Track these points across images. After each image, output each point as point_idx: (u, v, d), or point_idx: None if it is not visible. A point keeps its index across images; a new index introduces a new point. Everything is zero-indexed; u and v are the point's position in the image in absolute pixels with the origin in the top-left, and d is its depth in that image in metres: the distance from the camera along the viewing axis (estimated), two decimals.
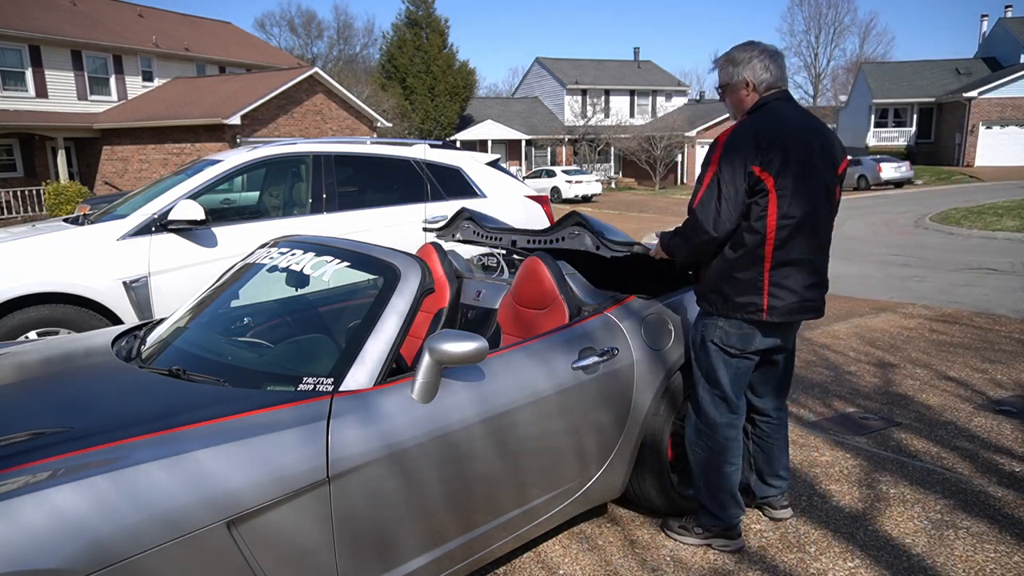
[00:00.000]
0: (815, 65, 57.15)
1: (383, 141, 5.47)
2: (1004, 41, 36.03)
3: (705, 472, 2.65)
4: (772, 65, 2.47)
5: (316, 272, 2.45)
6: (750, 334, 2.50)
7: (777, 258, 2.40)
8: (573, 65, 43.25)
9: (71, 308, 4.04)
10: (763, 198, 2.35)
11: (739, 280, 2.43)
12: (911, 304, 7.07)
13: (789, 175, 2.35)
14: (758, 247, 2.39)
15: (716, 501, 2.64)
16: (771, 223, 2.37)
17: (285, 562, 1.80)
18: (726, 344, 2.53)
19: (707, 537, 2.71)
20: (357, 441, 1.92)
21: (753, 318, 2.45)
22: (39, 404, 2.02)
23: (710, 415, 2.61)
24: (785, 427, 2.87)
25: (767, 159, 2.32)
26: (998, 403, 4.19)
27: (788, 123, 2.40)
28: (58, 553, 1.46)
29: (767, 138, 2.34)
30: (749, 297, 2.43)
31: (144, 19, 27.35)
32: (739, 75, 2.49)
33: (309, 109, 23.74)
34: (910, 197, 23.02)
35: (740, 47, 2.53)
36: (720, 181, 2.35)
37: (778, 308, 2.44)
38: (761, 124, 2.38)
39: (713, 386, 2.59)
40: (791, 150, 2.36)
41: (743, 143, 2.34)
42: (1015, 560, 2.60)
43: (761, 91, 2.48)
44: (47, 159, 22.15)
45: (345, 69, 41.88)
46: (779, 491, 2.88)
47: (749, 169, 2.32)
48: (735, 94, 2.53)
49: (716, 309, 2.52)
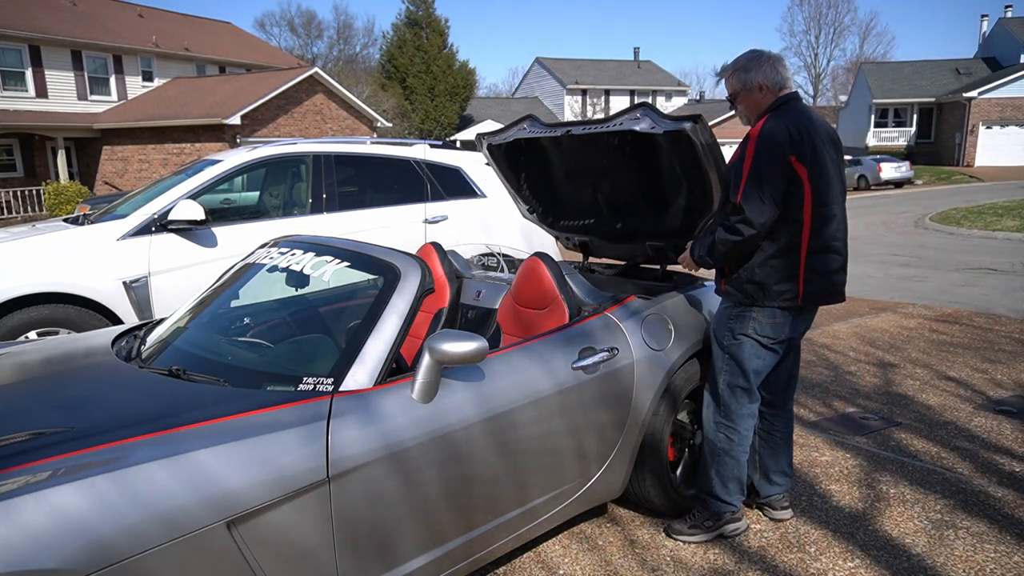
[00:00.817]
0: (815, 65, 57.18)
1: (383, 141, 5.48)
2: (1004, 41, 36.03)
3: (722, 462, 2.71)
4: (780, 68, 2.59)
5: (316, 272, 2.45)
6: (783, 323, 2.58)
7: (812, 246, 2.51)
8: (573, 65, 43.29)
9: (71, 308, 4.04)
10: (799, 188, 2.46)
11: (777, 268, 2.51)
12: (911, 304, 7.07)
13: (818, 166, 2.48)
14: (796, 235, 2.49)
15: (725, 488, 2.73)
16: (808, 211, 2.48)
17: (285, 562, 1.80)
18: (760, 335, 2.59)
19: (719, 527, 2.76)
20: (357, 441, 1.92)
21: (788, 305, 2.54)
22: (39, 404, 2.02)
23: (732, 407, 2.68)
24: (791, 423, 2.90)
25: (801, 151, 2.43)
26: (998, 403, 4.19)
27: (809, 118, 2.53)
28: (58, 553, 1.46)
29: (798, 131, 2.44)
30: (786, 284, 2.52)
31: (144, 19, 27.35)
32: (753, 80, 2.58)
33: (309, 109, 23.75)
34: (910, 197, 23.02)
35: (747, 55, 2.63)
36: (761, 174, 2.43)
37: (812, 293, 2.54)
38: (790, 118, 2.48)
39: (739, 378, 2.65)
40: (817, 142, 2.48)
41: (778, 136, 2.43)
42: (1015, 560, 2.60)
43: (776, 91, 2.58)
44: (47, 159, 22.15)
45: (345, 69, 41.88)
46: (783, 489, 2.90)
47: (787, 160, 2.42)
48: (750, 98, 2.62)
49: (752, 299, 2.57)
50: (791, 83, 2.62)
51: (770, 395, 2.83)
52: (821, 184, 2.48)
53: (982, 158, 32.56)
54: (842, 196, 2.61)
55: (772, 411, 2.86)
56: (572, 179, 3.53)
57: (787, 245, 2.50)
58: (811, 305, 2.59)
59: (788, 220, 2.48)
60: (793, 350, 2.79)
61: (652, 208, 3.32)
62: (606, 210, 3.51)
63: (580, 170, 3.43)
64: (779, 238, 2.50)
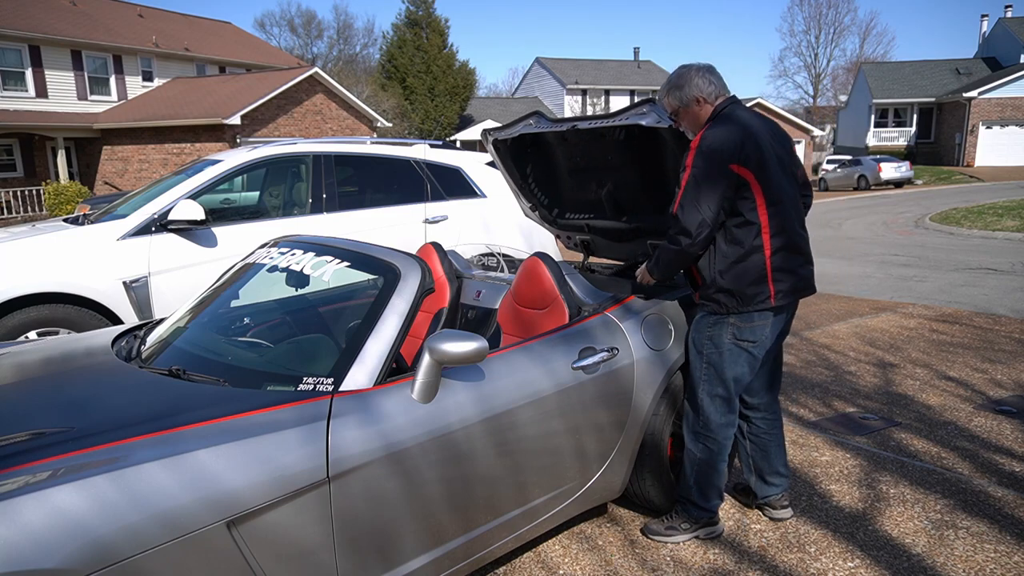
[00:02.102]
0: (815, 65, 57.10)
1: (383, 141, 5.48)
2: (1004, 41, 36.04)
3: (701, 471, 2.71)
4: (711, 77, 2.61)
5: (316, 272, 2.45)
6: (762, 324, 2.59)
7: (774, 245, 2.53)
8: (573, 65, 43.29)
9: (71, 308, 4.04)
10: (747, 191, 2.48)
11: (744, 273, 2.52)
12: (911, 304, 7.07)
13: (764, 167, 2.49)
14: (756, 237, 2.51)
15: (704, 495, 2.73)
16: (762, 212, 2.50)
17: (285, 562, 1.80)
18: (740, 339, 2.60)
19: (695, 530, 2.77)
20: (357, 441, 1.92)
21: (763, 306, 2.55)
22: (39, 404, 2.02)
23: (711, 417, 2.67)
24: (780, 422, 2.89)
25: (742, 156, 2.45)
26: (998, 403, 4.19)
27: (749, 121, 2.54)
28: (58, 553, 1.46)
29: (739, 137, 2.46)
30: (757, 287, 2.53)
31: (144, 19, 27.34)
32: (688, 95, 2.60)
33: (309, 109, 23.75)
34: (910, 197, 23.02)
35: (676, 73, 2.66)
36: (698, 184, 2.45)
37: (783, 291, 2.57)
38: (729, 126, 2.50)
39: (717, 387, 2.65)
40: (760, 144, 2.50)
41: (716, 145, 2.46)
42: (1015, 560, 2.60)
43: (712, 101, 2.60)
44: (47, 159, 22.15)
45: (345, 69, 41.89)
46: (780, 489, 2.89)
47: (727, 168, 2.44)
48: (689, 113, 2.64)
49: (726, 307, 2.58)
50: (726, 89, 2.64)
51: (755, 398, 2.83)
52: (771, 184, 2.50)
53: (982, 158, 32.56)
54: (794, 191, 2.63)
55: (759, 414, 2.85)
56: (576, 175, 3.53)
57: (750, 249, 2.51)
58: (785, 302, 2.60)
59: (745, 225, 2.50)
60: (775, 352, 2.79)
61: (655, 205, 3.32)
62: (609, 207, 3.51)
63: (585, 166, 3.43)
64: (741, 243, 2.51)
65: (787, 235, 2.55)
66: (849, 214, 18.36)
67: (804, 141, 38.11)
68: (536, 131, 3.38)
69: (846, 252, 11.45)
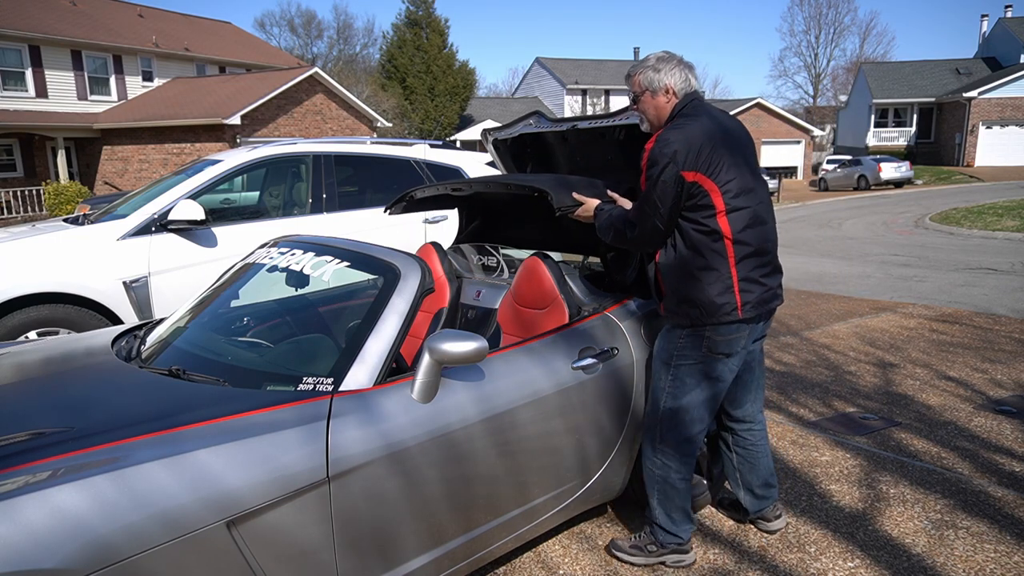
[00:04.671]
0: (815, 65, 57.15)
1: (383, 141, 5.48)
2: (1004, 41, 36.04)
3: (661, 490, 2.57)
4: (690, 75, 2.50)
5: (316, 272, 2.45)
6: (737, 336, 2.45)
7: (739, 252, 2.39)
8: (573, 65, 43.29)
9: (71, 308, 4.04)
10: (706, 199, 2.35)
11: (709, 284, 2.39)
12: (911, 304, 7.07)
13: (730, 171, 2.36)
14: (718, 245, 2.37)
15: (670, 518, 2.58)
16: (722, 220, 2.36)
17: (285, 562, 1.80)
18: (716, 351, 2.46)
19: (661, 555, 2.61)
20: (357, 441, 1.92)
21: (730, 319, 2.41)
22: (39, 404, 2.02)
23: (675, 433, 2.53)
24: (765, 434, 2.78)
25: (701, 161, 2.32)
26: (998, 403, 4.19)
27: (712, 122, 2.40)
28: (58, 553, 1.46)
29: (697, 142, 2.33)
30: (724, 298, 2.39)
31: (144, 19, 27.34)
32: (661, 81, 2.47)
33: (309, 109, 23.75)
34: (910, 197, 23.02)
35: (657, 55, 2.53)
36: (651, 190, 2.35)
37: (751, 302, 2.43)
38: (686, 129, 2.36)
39: (684, 400, 2.50)
40: (724, 147, 2.37)
41: (669, 151, 2.32)
42: (1015, 560, 2.60)
43: (680, 98, 2.48)
44: (47, 159, 22.15)
45: (345, 69, 41.89)
46: (770, 501, 2.80)
47: (678, 175, 2.31)
48: (655, 99, 2.50)
49: (692, 320, 2.44)
50: (696, 86, 2.52)
51: (738, 410, 2.72)
52: (732, 189, 2.36)
53: (982, 158, 32.57)
54: (764, 195, 2.48)
55: (744, 425, 2.74)
56: (577, 175, 3.52)
57: (712, 258, 2.38)
58: (753, 314, 2.44)
59: (707, 233, 2.36)
60: (754, 361, 2.67)
61: None
62: None
63: (585, 166, 3.43)
64: (703, 252, 2.38)
65: (754, 243, 2.41)
66: (849, 214, 18.36)
67: (804, 141, 38.12)
68: (536, 131, 3.39)
69: (846, 252, 11.46)
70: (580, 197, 2.67)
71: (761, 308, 2.46)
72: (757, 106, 37.20)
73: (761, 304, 2.46)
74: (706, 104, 2.49)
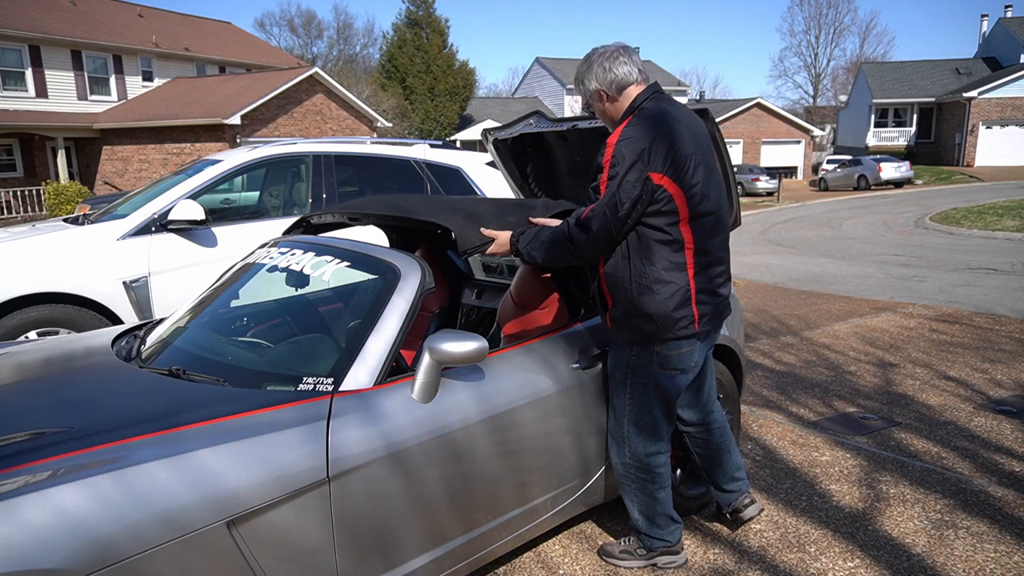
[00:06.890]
0: (815, 65, 57.19)
1: (383, 141, 5.48)
2: (1004, 41, 36.03)
3: (642, 503, 2.53)
4: (612, 64, 2.28)
5: (316, 272, 2.45)
6: (688, 351, 2.33)
7: (699, 263, 2.27)
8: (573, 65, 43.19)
9: (71, 308, 4.04)
10: (669, 204, 2.19)
11: (667, 297, 2.24)
12: (911, 304, 7.07)
13: (696, 173, 2.22)
14: (677, 254, 2.24)
15: (654, 525, 2.54)
16: (685, 228, 2.23)
17: (285, 562, 1.81)
18: (668, 367, 2.34)
19: (652, 558, 2.58)
20: (357, 441, 1.92)
21: (686, 332, 2.28)
22: (39, 404, 2.02)
23: (639, 448, 2.46)
24: (725, 430, 2.70)
25: (668, 162, 2.17)
26: (998, 403, 4.19)
27: (672, 119, 2.23)
28: (59, 552, 1.47)
29: (659, 141, 2.17)
30: (680, 312, 2.26)
31: (144, 19, 27.34)
32: (589, 88, 2.33)
33: (309, 109, 23.75)
34: (910, 197, 23.02)
35: (581, 61, 2.37)
36: (616, 190, 2.17)
37: (707, 314, 2.32)
38: (647, 127, 2.19)
39: (643, 417, 2.42)
40: (686, 146, 2.20)
41: (630, 152, 2.16)
42: (1015, 560, 2.60)
43: (614, 92, 2.31)
44: (47, 159, 22.15)
45: (345, 69, 41.89)
46: (739, 492, 2.73)
47: (645, 176, 2.15)
48: (599, 107, 2.37)
49: (644, 336, 2.30)
50: (635, 75, 2.30)
51: (692, 414, 2.64)
52: (695, 194, 2.21)
53: (982, 158, 32.56)
54: (722, 199, 2.35)
55: (698, 428, 2.66)
56: (576, 175, 3.53)
57: (670, 267, 2.23)
58: (709, 327, 2.35)
59: (667, 242, 2.22)
60: (704, 366, 2.56)
61: None
62: None
63: (585, 166, 3.43)
64: (660, 262, 2.22)
65: (712, 252, 2.29)
66: (849, 214, 18.37)
67: (804, 141, 38.12)
68: (536, 131, 3.39)
69: (846, 252, 11.46)
70: (489, 233, 2.46)
71: (716, 321, 2.38)
72: (757, 106, 37.20)
73: (716, 316, 2.37)
74: (666, 97, 2.33)
